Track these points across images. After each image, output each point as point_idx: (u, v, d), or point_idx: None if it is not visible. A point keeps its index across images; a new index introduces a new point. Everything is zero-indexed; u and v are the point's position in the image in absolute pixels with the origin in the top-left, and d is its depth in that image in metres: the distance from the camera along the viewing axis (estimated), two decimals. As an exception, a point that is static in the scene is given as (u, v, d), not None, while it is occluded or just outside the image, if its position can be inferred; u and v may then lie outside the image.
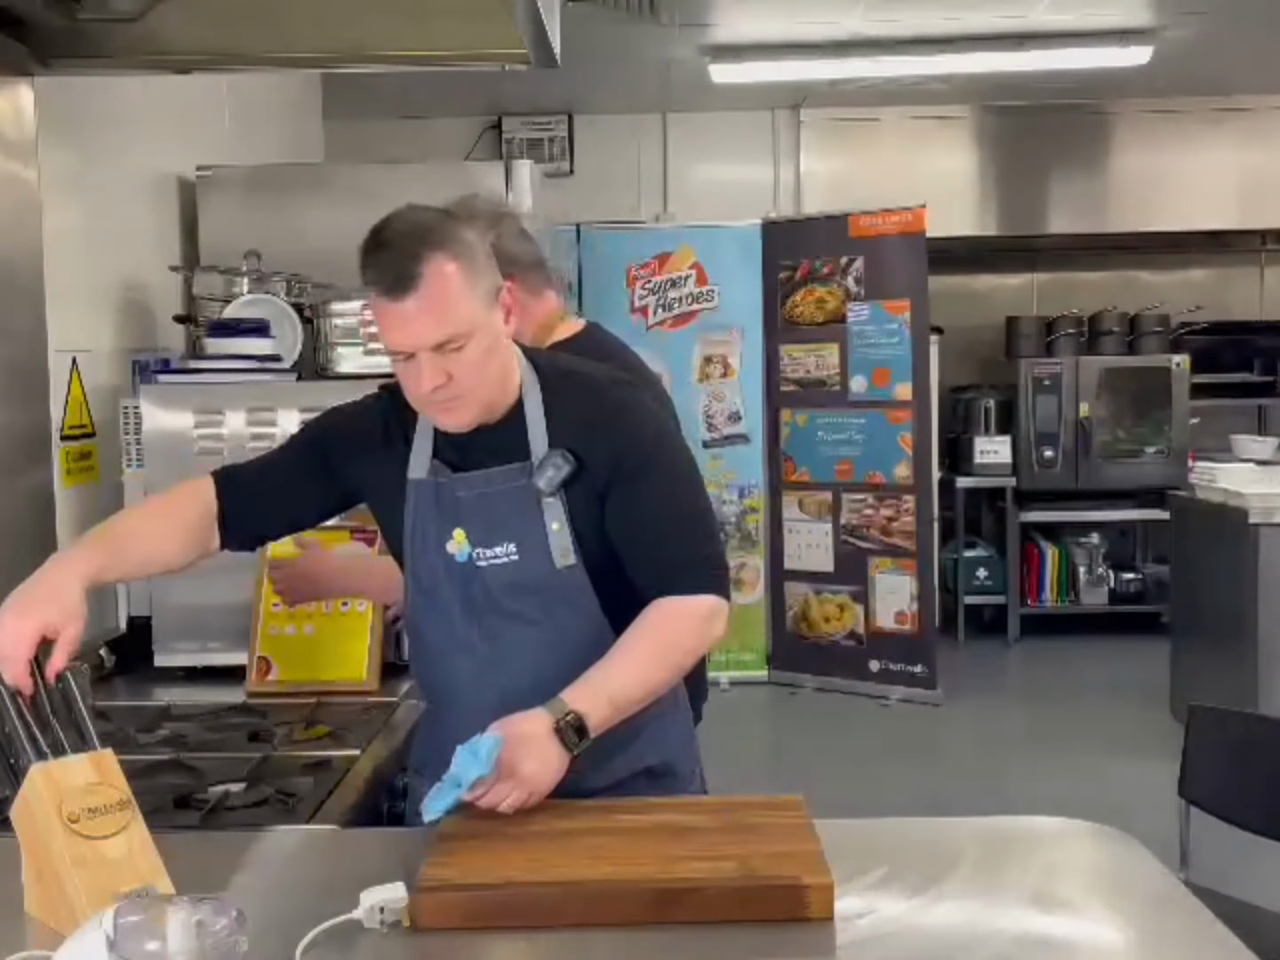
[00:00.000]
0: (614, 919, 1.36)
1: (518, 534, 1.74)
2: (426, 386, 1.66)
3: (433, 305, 1.62)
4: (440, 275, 1.62)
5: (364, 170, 3.66)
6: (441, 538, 1.77)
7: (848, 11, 5.35)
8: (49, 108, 2.54)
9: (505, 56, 2.49)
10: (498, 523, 1.75)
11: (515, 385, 1.77)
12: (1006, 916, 1.39)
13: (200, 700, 2.43)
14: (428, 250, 1.62)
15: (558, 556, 1.74)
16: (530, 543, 1.74)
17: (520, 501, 1.74)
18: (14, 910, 1.41)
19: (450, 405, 1.69)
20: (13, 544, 2.37)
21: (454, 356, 1.64)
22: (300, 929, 1.15)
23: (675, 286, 6.26)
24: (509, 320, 1.73)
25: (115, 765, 1.38)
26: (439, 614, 1.80)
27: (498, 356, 1.71)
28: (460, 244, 1.65)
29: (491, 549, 1.75)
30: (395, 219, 1.68)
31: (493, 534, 1.75)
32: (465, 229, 1.69)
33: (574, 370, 1.83)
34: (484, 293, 1.67)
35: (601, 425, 1.76)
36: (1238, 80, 6.70)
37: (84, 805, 1.32)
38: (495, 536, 1.75)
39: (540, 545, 1.74)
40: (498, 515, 1.75)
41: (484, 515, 1.75)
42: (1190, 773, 2.81)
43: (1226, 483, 5.19)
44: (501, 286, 1.71)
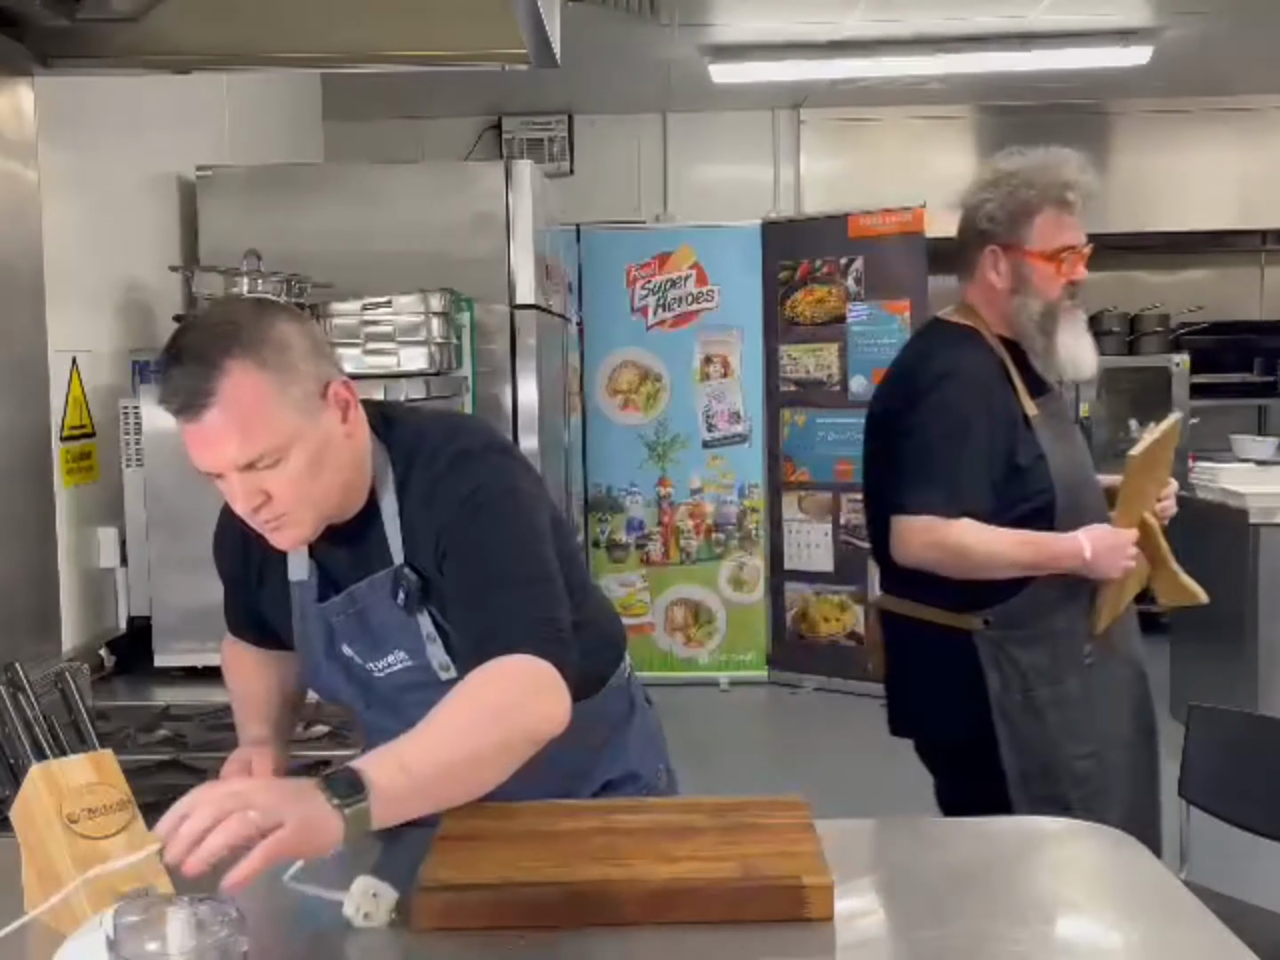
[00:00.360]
0: (614, 919, 1.36)
1: (403, 644, 1.62)
2: (243, 508, 1.48)
3: (233, 422, 1.42)
4: (239, 387, 1.41)
5: (364, 170, 3.66)
6: (333, 648, 1.66)
7: (848, 11, 5.35)
8: (49, 108, 2.54)
9: (505, 56, 2.49)
10: (380, 637, 1.63)
11: (365, 484, 1.59)
12: (1007, 917, 1.39)
13: (200, 700, 2.43)
14: (225, 360, 1.41)
15: (439, 670, 1.60)
16: (418, 650, 1.61)
17: (393, 613, 1.59)
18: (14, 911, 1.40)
19: (277, 524, 1.51)
20: (13, 544, 2.37)
21: (269, 474, 1.45)
22: (300, 929, 1.15)
23: (675, 286, 6.26)
24: (348, 417, 1.53)
25: (115, 765, 1.37)
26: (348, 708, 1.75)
27: (330, 462, 1.51)
28: (267, 344, 1.44)
29: (382, 660, 1.64)
30: (194, 324, 1.53)
31: (378, 648, 1.64)
32: (280, 321, 1.48)
33: (418, 446, 1.60)
34: (302, 395, 1.46)
35: (431, 504, 1.56)
36: (1238, 80, 6.70)
37: (84, 805, 1.31)
38: (382, 650, 1.63)
39: (421, 655, 1.61)
40: (377, 630, 1.62)
41: (364, 632, 1.63)
42: (1190, 773, 2.81)
43: (1226, 483, 5.19)
44: (331, 381, 1.51)
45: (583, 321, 5.93)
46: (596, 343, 6.14)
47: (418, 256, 3.40)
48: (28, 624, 2.41)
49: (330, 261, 3.29)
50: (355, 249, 3.42)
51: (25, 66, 2.43)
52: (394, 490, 1.58)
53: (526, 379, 3.55)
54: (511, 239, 3.50)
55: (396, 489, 1.58)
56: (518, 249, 3.50)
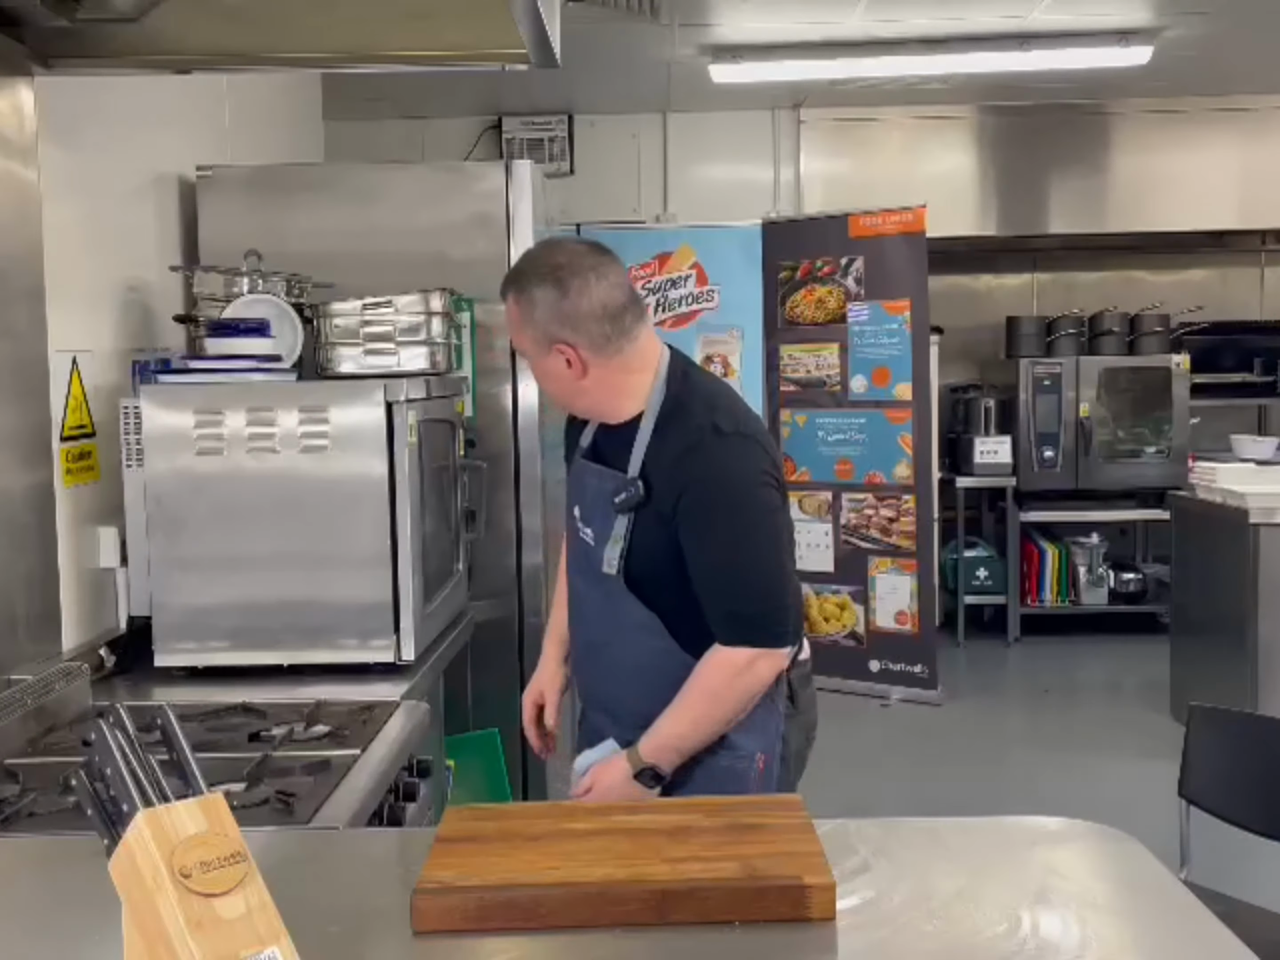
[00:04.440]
0: (614, 920, 1.36)
1: (597, 527, 2.11)
2: None
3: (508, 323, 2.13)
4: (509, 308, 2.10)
5: (364, 170, 3.66)
6: (571, 502, 2.22)
7: (848, 11, 5.35)
8: (49, 108, 2.54)
9: (505, 56, 2.49)
10: (591, 510, 2.14)
11: (623, 411, 2.10)
12: (1007, 917, 1.39)
13: (200, 700, 2.43)
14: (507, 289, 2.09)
15: (604, 564, 2.07)
16: (601, 538, 2.10)
17: (606, 503, 2.08)
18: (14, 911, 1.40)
19: None
20: (13, 544, 2.37)
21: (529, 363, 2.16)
22: (300, 930, 1.15)
23: (675, 286, 6.26)
24: (575, 370, 2.06)
25: (227, 811, 1.20)
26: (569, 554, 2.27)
27: (554, 385, 2.13)
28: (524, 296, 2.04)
29: (587, 527, 2.15)
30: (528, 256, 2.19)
31: (588, 516, 2.15)
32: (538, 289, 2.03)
33: (686, 405, 2.07)
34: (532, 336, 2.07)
35: (680, 463, 2.00)
36: (1238, 80, 6.70)
37: (197, 858, 1.14)
38: (588, 519, 2.14)
39: (599, 549, 2.09)
40: (593, 505, 2.13)
41: (589, 500, 2.15)
42: (1190, 773, 2.81)
43: (1226, 483, 5.19)
44: (557, 342, 2.04)
45: (583, 321, 5.93)
46: (596, 343, 6.14)
47: (418, 256, 3.41)
48: (28, 624, 2.41)
49: (330, 261, 3.29)
50: (355, 249, 3.42)
51: (25, 66, 2.43)
52: (651, 429, 2.05)
53: (526, 379, 3.55)
54: (511, 239, 3.50)
55: (653, 430, 2.05)
56: (518, 249, 3.50)
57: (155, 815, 1.15)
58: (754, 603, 2.02)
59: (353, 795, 1.92)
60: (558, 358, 2.05)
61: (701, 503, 1.97)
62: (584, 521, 2.15)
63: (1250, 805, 2.72)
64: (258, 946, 1.13)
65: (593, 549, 2.10)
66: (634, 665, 2.11)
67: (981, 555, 7.26)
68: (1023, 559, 7.15)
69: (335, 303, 2.97)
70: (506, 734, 3.58)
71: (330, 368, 2.93)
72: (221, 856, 1.16)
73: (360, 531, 2.61)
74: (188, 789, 1.20)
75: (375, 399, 2.60)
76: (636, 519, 2.03)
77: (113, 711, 1.21)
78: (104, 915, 1.20)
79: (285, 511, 2.60)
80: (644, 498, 2.01)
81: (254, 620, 2.62)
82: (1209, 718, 2.87)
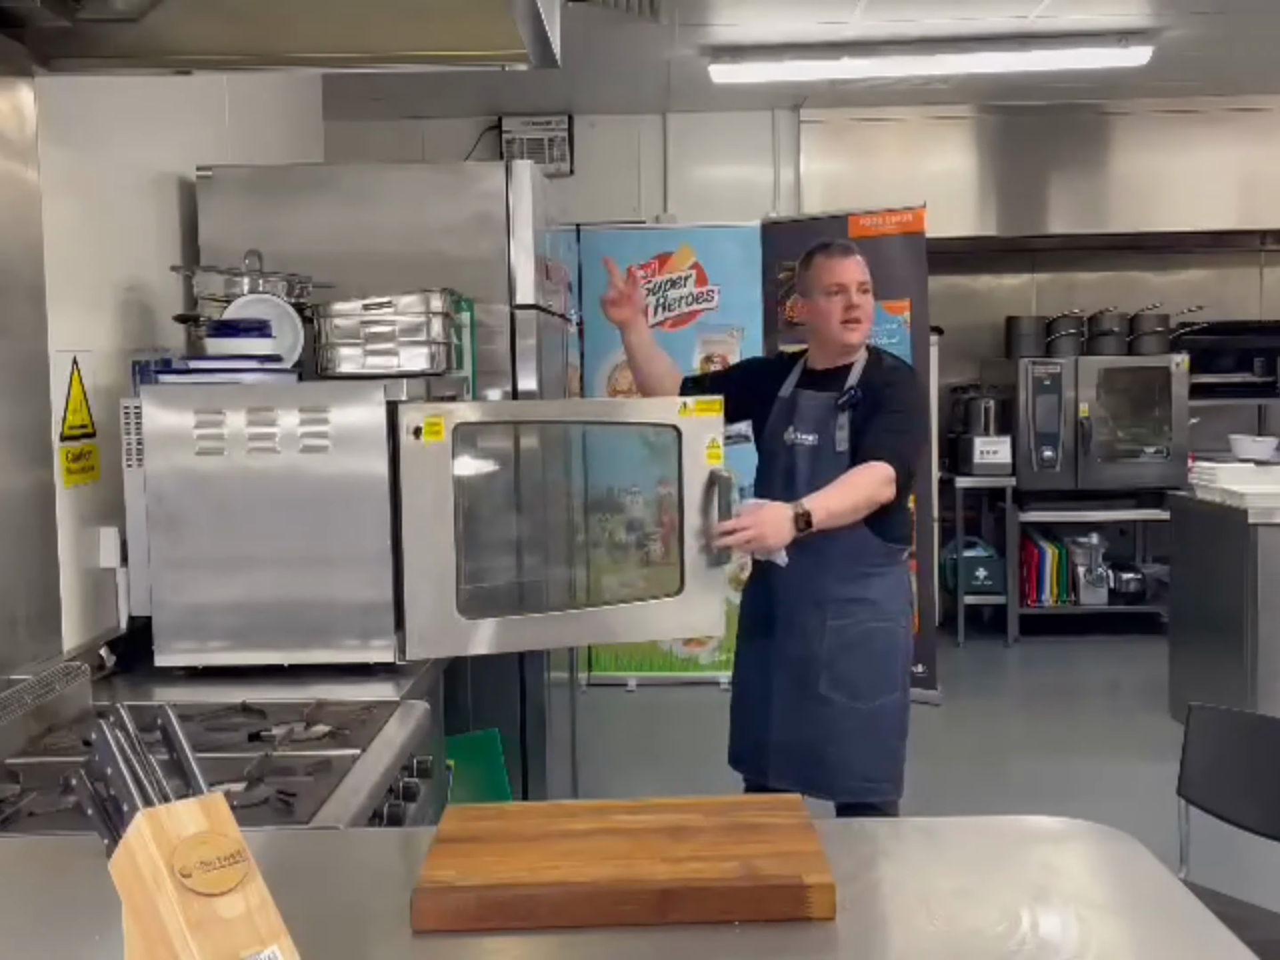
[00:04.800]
0: (615, 920, 1.36)
1: (820, 431, 3.07)
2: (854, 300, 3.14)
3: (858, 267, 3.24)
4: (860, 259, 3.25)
5: (364, 170, 3.66)
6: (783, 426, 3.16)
7: (848, 11, 5.35)
8: (49, 108, 2.54)
9: (505, 56, 2.49)
10: (812, 421, 3.10)
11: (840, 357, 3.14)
12: (1007, 917, 1.39)
13: (200, 700, 2.43)
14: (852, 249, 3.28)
15: (839, 444, 3.03)
16: (825, 435, 3.06)
17: (828, 411, 3.08)
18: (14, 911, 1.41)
19: None
20: (13, 544, 2.37)
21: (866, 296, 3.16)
22: (300, 930, 1.15)
23: (675, 286, 6.26)
24: None
25: (227, 811, 1.20)
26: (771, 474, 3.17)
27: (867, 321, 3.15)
28: None
29: (806, 436, 3.10)
30: None
31: (807, 426, 3.11)
32: None
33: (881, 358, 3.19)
34: None
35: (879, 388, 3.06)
36: (1238, 80, 6.70)
37: (197, 858, 1.15)
38: (808, 428, 3.10)
39: (830, 437, 3.05)
40: (813, 417, 3.10)
41: (808, 416, 3.12)
42: (1190, 773, 2.81)
43: (1226, 483, 5.20)
44: None
45: (583, 321, 5.93)
46: (596, 343, 6.14)
47: (418, 256, 3.40)
48: (28, 624, 2.41)
49: (330, 261, 3.29)
50: (355, 249, 3.42)
51: (25, 66, 2.43)
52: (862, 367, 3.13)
53: (526, 379, 3.55)
54: (511, 239, 3.50)
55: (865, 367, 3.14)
56: (518, 249, 3.50)
57: (155, 815, 1.15)
58: (905, 443, 3.01)
59: (353, 795, 1.92)
60: None
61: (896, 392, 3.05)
62: (802, 432, 3.09)
63: (1250, 805, 2.72)
64: (258, 946, 1.14)
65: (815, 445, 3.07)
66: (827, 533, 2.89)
67: (981, 555, 7.26)
68: (1022, 559, 7.15)
69: (335, 303, 2.97)
70: (506, 734, 3.58)
71: (330, 368, 2.93)
72: (221, 856, 1.16)
73: (360, 531, 2.61)
74: (188, 789, 1.20)
75: (375, 399, 2.60)
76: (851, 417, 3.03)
77: (113, 711, 1.21)
78: (104, 915, 1.20)
79: (285, 511, 2.60)
80: (861, 400, 3.03)
81: (254, 620, 2.62)
82: (1208, 718, 2.87)
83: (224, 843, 1.17)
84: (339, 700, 2.40)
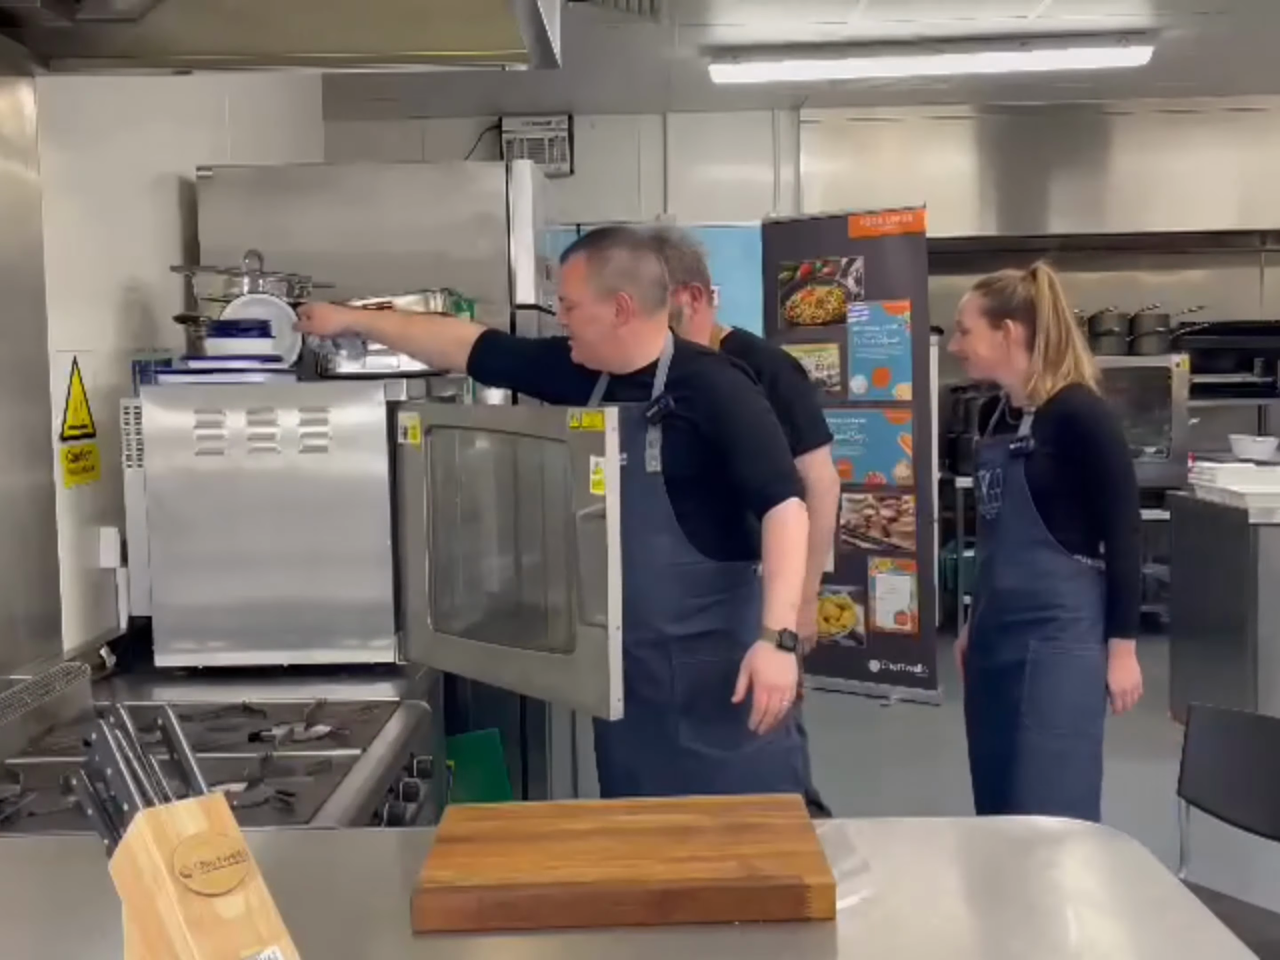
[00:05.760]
0: (615, 920, 1.36)
1: (627, 446, 2.38)
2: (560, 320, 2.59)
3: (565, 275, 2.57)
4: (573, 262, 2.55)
5: (364, 170, 3.66)
6: None
7: (848, 11, 5.35)
8: (49, 108, 2.54)
9: (505, 56, 2.49)
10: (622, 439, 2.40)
11: (643, 357, 2.54)
12: (1007, 917, 1.39)
13: (200, 700, 2.43)
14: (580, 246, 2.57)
15: (648, 463, 2.48)
16: (634, 452, 2.45)
17: (634, 426, 2.44)
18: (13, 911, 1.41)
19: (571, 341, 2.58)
20: (13, 544, 2.37)
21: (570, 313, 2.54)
22: (300, 930, 1.15)
23: (675, 286, 6.25)
24: (621, 317, 2.49)
25: (227, 811, 1.20)
26: None
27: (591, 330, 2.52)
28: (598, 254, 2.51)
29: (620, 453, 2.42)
30: None
31: None
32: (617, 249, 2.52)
33: (696, 353, 2.63)
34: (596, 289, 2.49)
35: (705, 383, 2.51)
36: (1238, 80, 6.70)
37: (197, 858, 1.14)
38: None
39: (640, 454, 2.47)
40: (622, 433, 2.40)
41: None
42: (1190, 773, 2.81)
43: (1226, 483, 5.19)
44: (621, 292, 2.48)
45: (583, 321, 5.93)
46: (596, 343, 6.14)
47: (418, 256, 3.40)
48: (28, 624, 2.41)
49: (330, 261, 3.29)
50: (355, 249, 3.42)
51: (25, 66, 2.43)
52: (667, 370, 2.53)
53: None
54: (511, 239, 3.50)
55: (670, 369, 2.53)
56: (518, 249, 3.50)
57: (156, 815, 1.15)
58: (785, 460, 2.52)
59: (353, 795, 1.92)
60: (610, 306, 2.48)
61: (728, 404, 2.50)
62: None
63: (1250, 805, 2.72)
64: (258, 946, 1.13)
65: (625, 466, 2.35)
66: (651, 563, 2.46)
67: (981, 555, 7.25)
68: (1023, 559, 7.13)
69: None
70: (506, 734, 3.58)
71: (330, 368, 2.93)
72: (222, 856, 1.16)
73: (360, 531, 2.61)
74: (188, 789, 1.20)
75: (375, 399, 2.60)
76: (664, 429, 2.49)
77: (113, 711, 1.21)
78: (104, 915, 1.20)
79: (285, 512, 2.60)
80: (671, 409, 2.47)
81: (254, 620, 2.62)
82: (1209, 718, 2.87)
83: (224, 843, 1.17)
84: (339, 700, 2.40)
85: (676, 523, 2.48)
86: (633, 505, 2.33)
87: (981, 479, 3.14)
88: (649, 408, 2.49)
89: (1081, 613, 2.94)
